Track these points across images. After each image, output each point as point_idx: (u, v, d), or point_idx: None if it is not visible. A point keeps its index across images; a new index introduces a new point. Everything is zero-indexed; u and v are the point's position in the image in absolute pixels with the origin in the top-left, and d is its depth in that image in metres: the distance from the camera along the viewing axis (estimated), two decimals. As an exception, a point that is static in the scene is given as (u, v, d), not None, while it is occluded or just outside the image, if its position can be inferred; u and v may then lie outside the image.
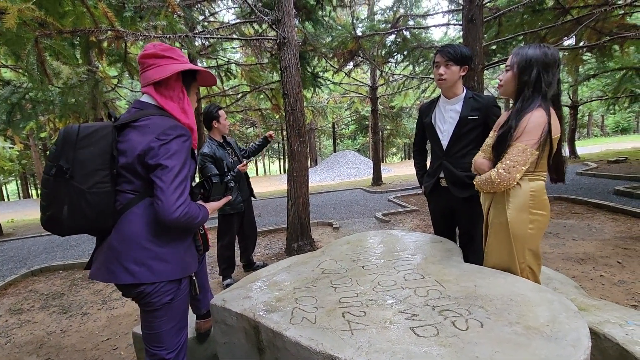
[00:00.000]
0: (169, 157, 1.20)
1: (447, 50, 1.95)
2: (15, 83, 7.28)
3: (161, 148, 1.20)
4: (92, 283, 4.14)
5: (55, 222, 1.21)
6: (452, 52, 1.93)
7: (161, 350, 1.36)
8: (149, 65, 1.28)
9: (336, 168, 18.78)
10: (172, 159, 1.20)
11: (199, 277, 1.83)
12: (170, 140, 1.21)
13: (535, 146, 1.49)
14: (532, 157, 1.50)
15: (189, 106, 1.35)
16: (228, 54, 11.37)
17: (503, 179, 1.54)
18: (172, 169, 1.19)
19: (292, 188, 3.93)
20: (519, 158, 1.51)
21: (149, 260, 1.25)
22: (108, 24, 4.02)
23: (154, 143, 1.20)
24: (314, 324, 1.23)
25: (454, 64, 1.94)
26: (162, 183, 1.18)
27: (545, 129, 1.47)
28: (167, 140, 1.21)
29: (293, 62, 3.70)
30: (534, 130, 1.48)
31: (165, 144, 1.21)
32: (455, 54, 1.93)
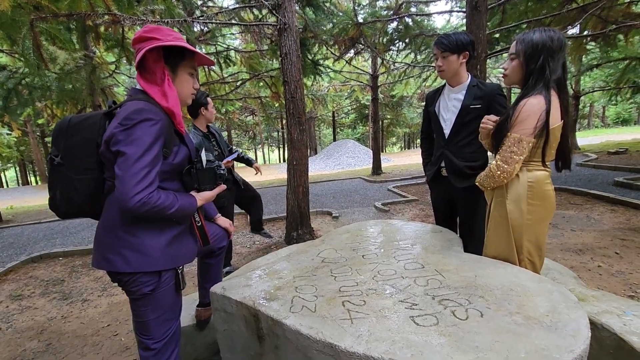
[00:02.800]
0: (129, 143, 1.12)
1: (441, 41, 1.94)
2: (11, 68, 7.17)
3: (122, 133, 1.13)
4: (92, 270, 4.16)
5: (54, 205, 1.27)
6: (446, 42, 1.91)
7: (148, 339, 1.35)
8: (137, 50, 1.23)
9: (336, 157, 18.74)
10: (132, 145, 1.12)
11: (209, 270, 1.82)
12: (132, 126, 1.13)
13: (531, 135, 1.46)
14: (529, 147, 1.48)
15: (170, 89, 1.25)
16: (227, 40, 11.19)
17: (503, 170, 1.52)
18: (132, 155, 1.12)
19: (291, 177, 3.91)
20: (515, 148, 1.49)
21: (123, 250, 1.23)
22: (105, 8, 3.94)
23: (116, 129, 1.14)
24: (314, 312, 1.23)
25: (450, 53, 1.92)
26: (120, 170, 1.12)
27: (542, 116, 1.44)
28: (129, 125, 1.13)
29: (293, 49, 3.63)
30: (528, 119, 1.45)
31: (126, 129, 1.13)
32: (450, 43, 1.91)
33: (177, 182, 1.36)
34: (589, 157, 9.71)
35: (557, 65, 1.48)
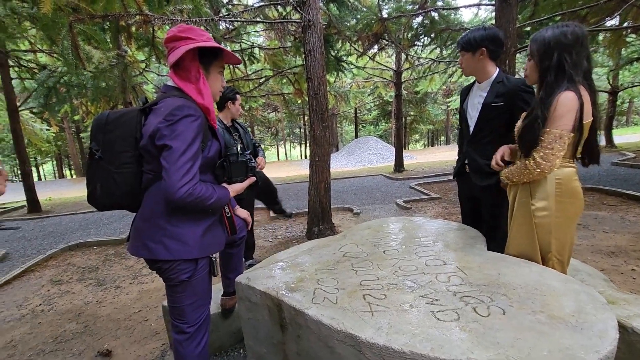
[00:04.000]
0: (174, 138, 1.20)
1: (458, 40, 1.99)
2: (51, 67, 7.60)
3: (167, 129, 1.21)
4: (123, 259, 4.38)
5: (93, 198, 1.33)
6: (461, 42, 1.96)
7: (182, 324, 1.43)
8: (170, 48, 1.29)
9: (357, 154, 18.66)
10: (177, 140, 1.20)
11: (231, 259, 1.90)
12: (176, 121, 1.21)
13: (571, 130, 1.44)
14: (569, 142, 1.46)
15: (205, 86, 1.33)
16: (251, 37, 11.35)
17: (543, 168, 1.49)
18: (177, 149, 1.20)
19: (313, 173, 3.96)
20: (557, 145, 1.46)
21: (164, 239, 1.30)
22: (137, 9, 4.10)
23: (161, 124, 1.22)
24: (335, 304, 1.27)
25: (465, 51, 1.94)
26: (167, 163, 1.19)
27: (578, 112, 1.42)
28: (172, 120, 1.21)
29: (317, 46, 3.66)
30: (568, 114, 1.42)
31: (171, 125, 1.21)
32: (463, 42, 1.94)
33: (210, 175, 1.43)
34: (626, 155, 9.20)
35: (580, 59, 1.44)
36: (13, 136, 8.50)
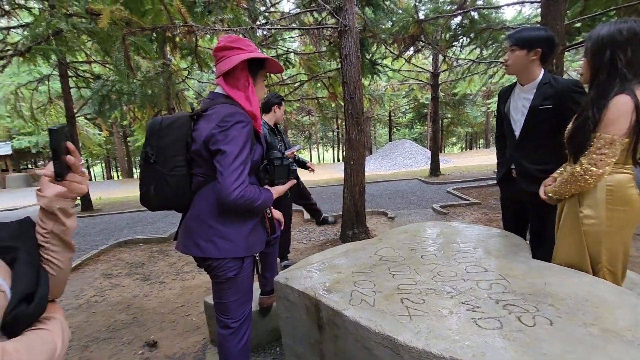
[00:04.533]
0: (227, 143, 1.28)
1: (511, 34, 1.86)
2: (104, 77, 8.22)
3: (220, 134, 1.29)
4: (167, 256, 4.63)
5: (146, 199, 1.42)
6: (517, 36, 1.83)
7: (227, 319, 1.50)
8: (220, 57, 1.38)
9: (391, 157, 18.39)
10: (230, 145, 1.28)
11: (267, 258, 1.96)
12: (229, 127, 1.29)
13: (624, 136, 1.35)
14: (621, 148, 1.37)
15: (252, 94, 1.41)
16: (286, 43, 11.59)
17: (592, 174, 1.42)
18: (230, 153, 1.27)
19: (348, 176, 3.97)
20: (608, 150, 1.38)
21: (214, 238, 1.38)
22: (181, 20, 4.35)
23: (214, 130, 1.30)
24: (373, 306, 1.28)
25: (519, 48, 1.82)
26: (221, 167, 1.27)
27: (634, 114, 1.33)
28: (226, 127, 1.29)
29: (353, 50, 3.68)
30: (621, 118, 1.34)
31: (224, 131, 1.29)
32: (521, 37, 1.81)
33: (253, 177, 1.50)
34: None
35: (637, 57, 1.35)
36: (71, 140, 9.28)
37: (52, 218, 0.69)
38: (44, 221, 0.68)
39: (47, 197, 0.67)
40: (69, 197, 0.71)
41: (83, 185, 0.72)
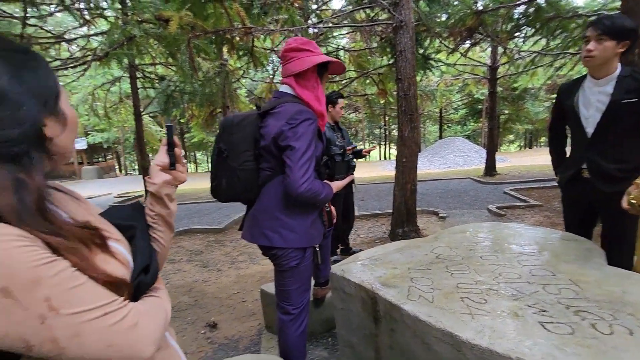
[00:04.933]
0: (296, 139, 1.36)
1: (602, 21, 1.65)
2: (167, 77, 8.88)
3: (290, 131, 1.37)
4: (222, 246, 4.92)
5: (218, 192, 1.54)
6: (609, 24, 1.62)
7: (288, 305, 1.59)
8: (291, 58, 1.45)
9: (442, 155, 17.71)
10: (299, 141, 1.36)
11: (322, 250, 2.04)
12: (297, 124, 1.37)
13: None
14: None
15: (321, 94, 1.50)
16: (336, 40, 11.63)
17: None
18: (299, 149, 1.36)
19: (399, 173, 3.93)
20: None
21: (280, 229, 1.47)
22: (240, 22, 4.58)
23: (284, 127, 1.38)
24: (431, 302, 1.28)
25: (610, 38, 1.63)
26: (291, 162, 1.35)
27: None
28: (294, 124, 1.37)
29: (409, 46, 3.62)
30: None
31: (293, 128, 1.37)
32: (613, 26, 1.62)
33: (314, 172, 1.57)
34: None
35: None
36: (137, 136, 10.17)
37: (160, 202, 0.80)
38: (153, 205, 0.80)
39: (156, 184, 0.78)
40: (174, 185, 0.82)
41: (184, 174, 0.83)
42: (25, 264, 0.46)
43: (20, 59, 0.55)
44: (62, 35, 9.85)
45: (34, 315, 0.46)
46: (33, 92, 0.54)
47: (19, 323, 0.45)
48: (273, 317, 2.41)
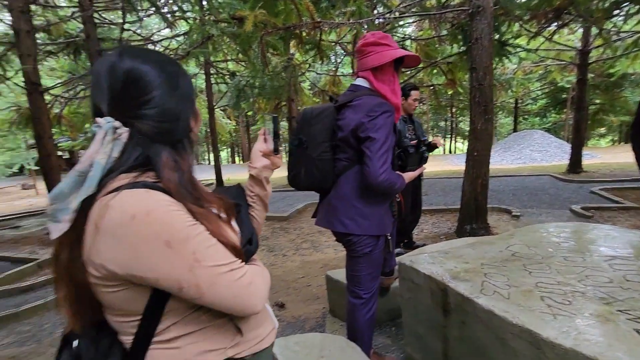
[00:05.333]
0: (375, 131, 1.41)
1: None
2: (238, 73, 9.45)
3: (369, 123, 1.42)
4: (287, 233, 5.17)
5: (296, 181, 1.62)
6: None
7: (360, 290, 1.66)
8: (368, 52, 1.49)
9: (516, 150, 16.30)
10: (378, 132, 1.41)
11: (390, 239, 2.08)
12: (377, 116, 1.42)
13: None
14: None
15: (397, 87, 1.52)
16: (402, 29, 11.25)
17: None
18: (378, 140, 1.40)
19: (470, 167, 3.75)
20: None
21: (356, 216, 1.53)
22: (309, 16, 4.69)
23: (364, 119, 1.43)
24: (508, 299, 1.25)
25: None
26: (370, 152, 1.41)
27: None
28: (374, 116, 1.42)
29: (486, 33, 3.40)
30: None
31: (372, 120, 1.42)
32: None
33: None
34: None
35: None
36: (210, 129, 11.02)
37: (259, 184, 0.92)
38: (252, 186, 0.92)
39: (257, 167, 0.90)
40: (271, 169, 0.93)
41: (281, 160, 0.93)
42: (180, 223, 0.59)
43: (173, 69, 0.69)
44: (149, 38, 11.02)
45: (185, 264, 0.58)
46: (185, 95, 0.70)
47: (175, 269, 0.58)
48: (338, 302, 2.51)
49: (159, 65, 0.66)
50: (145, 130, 0.64)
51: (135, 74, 0.63)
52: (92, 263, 0.58)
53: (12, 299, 3.67)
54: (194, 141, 0.73)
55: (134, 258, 0.56)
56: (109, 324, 0.68)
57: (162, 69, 0.66)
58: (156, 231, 0.57)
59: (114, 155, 0.62)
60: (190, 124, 0.72)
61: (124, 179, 0.60)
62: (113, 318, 0.65)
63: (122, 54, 0.66)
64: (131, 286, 0.60)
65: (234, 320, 0.71)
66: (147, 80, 0.64)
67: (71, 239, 0.58)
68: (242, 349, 0.72)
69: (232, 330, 0.71)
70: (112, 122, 0.61)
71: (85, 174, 0.59)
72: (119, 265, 0.57)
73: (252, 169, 0.92)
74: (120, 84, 0.63)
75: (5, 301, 3.62)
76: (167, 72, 0.67)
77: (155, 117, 0.64)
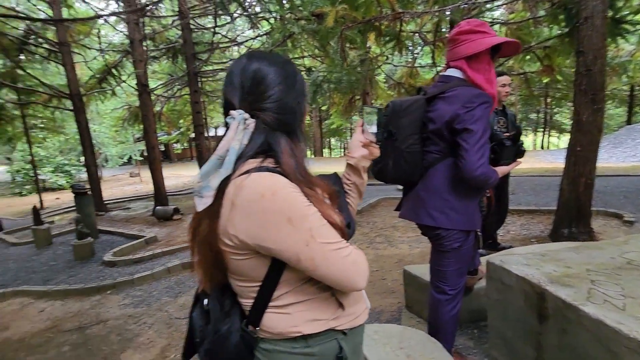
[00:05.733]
0: (473, 122, 1.35)
1: None
2: (315, 69, 9.68)
3: (467, 114, 1.36)
4: (360, 227, 5.19)
5: (383, 173, 1.61)
6: None
7: (445, 286, 1.61)
8: (463, 40, 1.43)
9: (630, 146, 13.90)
10: (476, 124, 1.35)
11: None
12: (475, 107, 1.36)
13: None
14: None
15: (494, 76, 1.44)
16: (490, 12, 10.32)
17: None
18: (476, 132, 1.34)
19: (571, 164, 3.32)
20: None
21: (447, 210, 1.49)
22: (389, 7, 4.61)
23: (460, 110, 1.37)
24: (623, 310, 1.12)
25: None
26: (467, 145, 1.35)
27: None
28: (472, 107, 1.36)
29: (598, 10, 2.95)
30: None
31: (470, 111, 1.36)
32: None
33: None
34: None
35: None
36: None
37: (357, 173, 0.97)
38: (350, 175, 0.98)
39: (356, 157, 0.95)
40: (369, 159, 0.97)
41: (378, 151, 0.98)
42: (299, 203, 0.67)
43: (291, 69, 0.78)
44: (235, 39, 11.90)
45: (303, 239, 0.66)
46: (300, 91, 0.79)
47: (296, 242, 0.66)
48: (415, 297, 2.48)
49: (280, 66, 0.76)
50: (267, 121, 0.74)
51: (261, 73, 0.74)
52: (227, 234, 0.69)
53: (127, 268, 4.36)
54: (304, 132, 0.81)
55: (262, 231, 0.66)
56: (230, 288, 0.79)
57: (283, 69, 0.76)
58: (280, 209, 0.65)
59: (244, 142, 0.72)
60: (304, 117, 0.81)
61: (252, 163, 0.70)
62: (237, 283, 0.76)
63: (251, 57, 0.77)
64: (256, 256, 0.69)
65: (336, 295, 0.77)
66: (270, 79, 0.74)
67: (210, 212, 0.70)
68: (342, 322, 0.78)
69: (335, 304, 0.78)
70: (243, 114, 0.72)
71: (223, 158, 0.70)
72: (249, 236, 0.66)
73: (350, 159, 0.97)
74: (249, 81, 0.74)
75: (122, 269, 4.31)
76: (286, 72, 0.76)
77: (276, 109, 0.74)
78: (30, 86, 7.99)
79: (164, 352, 2.46)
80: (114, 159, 19.41)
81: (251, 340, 0.75)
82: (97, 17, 8.13)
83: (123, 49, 9.42)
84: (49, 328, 2.97)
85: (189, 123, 16.76)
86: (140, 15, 7.36)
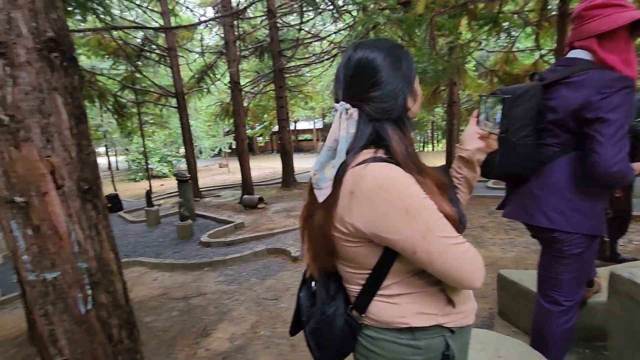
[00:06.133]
0: (611, 110, 1.15)
1: None
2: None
3: (603, 101, 1.16)
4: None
5: (488, 167, 1.38)
6: None
7: (559, 296, 1.42)
8: (592, 17, 1.22)
9: None
10: (615, 112, 1.15)
11: None
12: (613, 93, 1.16)
13: None
14: None
15: (633, 57, 1.21)
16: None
17: None
18: (614, 122, 1.15)
19: None
20: None
21: (568, 210, 1.30)
22: (487, -13, 4.20)
23: (594, 97, 1.18)
24: None
25: None
26: (602, 137, 1.16)
27: None
28: (609, 93, 1.16)
29: None
30: None
31: (607, 97, 1.16)
32: None
33: None
34: None
35: None
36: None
37: (469, 166, 0.91)
38: (461, 168, 0.92)
39: (470, 150, 0.89)
40: (485, 151, 0.91)
41: (497, 143, 0.90)
42: (417, 195, 0.66)
43: (399, 52, 0.75)
44: (317, 35, 12.14)
45: (419, 231, 0.65)
46: (405, 75, 0.75)
47: (412, 234, 0.65)
48: (510, 304, 2.27)
49: (385, 51, 0.74)
50: (368, 110, 0.72)
51: (364, 61, 0.72)
52: (342, 222, 0.70)
53: (220, 249, 4.84)
54: (410, 119, 0.78)
55: (380, 220, 0.66)
56: (336, 274, 0.82)
57: (388, 53, 0.73)
58: (398, 199, 0.65)
59: (351, 131, 0.73)
60: (408, 103, 0.76)
61: (366, 154, 0.71)
62: (346, 269, 0.77)
63: (357, 47, 0.76)
64: (368, 244, 0.70)
65: (446, 291, 0.74)
66: (373, 65, 0.72)
67: (328, 202, 0.72)
68: (451, 319, 0.75)
69: (444, 300, 0.75)
70: (344, 105, 0.72)
71: (333, 149, 0.72)
72: (366, 225, 0.67)
73: (463, 151, 0.91)
74: (352, 71, 0.73)
75: (216, 250, 4.80)
76: (392, 55, 0.73)
77: (377, 98, 0.72)
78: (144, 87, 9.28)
79: (254, 328, 2.68)
80: (207, 151, 21.58)
81: (355, 326, 0.77)
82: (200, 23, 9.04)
83: (218, 50, 10.37)
84: (161, 295, 3.47)
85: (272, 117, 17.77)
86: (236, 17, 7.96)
